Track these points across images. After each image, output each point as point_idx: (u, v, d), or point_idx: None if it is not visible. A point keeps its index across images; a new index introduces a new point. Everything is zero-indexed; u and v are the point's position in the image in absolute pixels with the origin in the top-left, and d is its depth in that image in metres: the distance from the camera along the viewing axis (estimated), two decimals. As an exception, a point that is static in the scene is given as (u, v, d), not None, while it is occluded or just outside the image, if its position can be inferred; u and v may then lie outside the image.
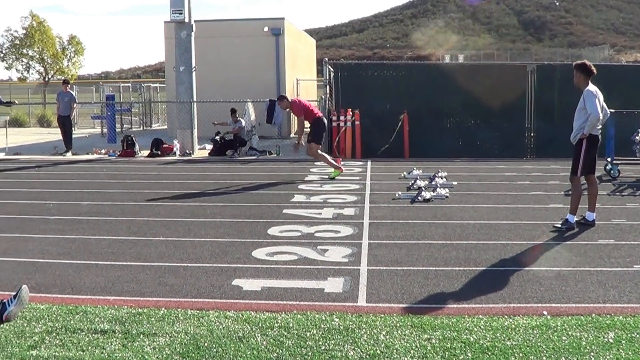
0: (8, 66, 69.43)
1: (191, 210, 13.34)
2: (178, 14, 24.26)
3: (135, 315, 7.12)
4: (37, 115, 48.78)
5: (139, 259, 9.54)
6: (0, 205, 14.47)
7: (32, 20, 66.52)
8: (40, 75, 69.03)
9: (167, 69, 33.42)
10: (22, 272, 8.95)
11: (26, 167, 21.57)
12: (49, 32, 66.96)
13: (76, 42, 69.32)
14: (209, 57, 30.22)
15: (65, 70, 67.18)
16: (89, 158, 23.82)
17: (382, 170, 19.22)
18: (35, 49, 66.79)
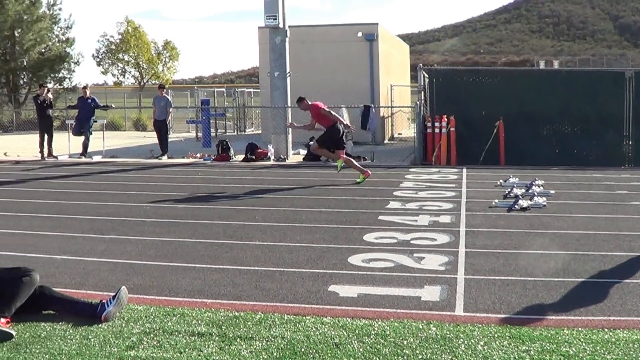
0: (104, 71, 70.67)
1: (286, 215, 13.37)
2: (272, 20, 24.38)
3: (232, 319, 7.14)
4: (133, 119, 49.56)
5: (235, 262, 9.58)
6: (98, 207, 14.70)
7: (127, 25, 67.57)
8: (135, 80, 70.06)
9: (261, 74, 33.63)
10: (120, 273, 9.07)
11: (123, 169, 21.90)
12: (144, 37, 67.96)
13: (171, 47, 70.23)
14: (303, 62, 30.27)
15: (160, 75, 68.09)
16: (184, 162, 24.09)
17: (477, 178, 19.02)
18: (130, 54, 67.82)
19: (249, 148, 24.41)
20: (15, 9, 53.44)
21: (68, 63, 57.94)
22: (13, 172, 22.05)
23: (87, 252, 10.41)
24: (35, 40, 55.31)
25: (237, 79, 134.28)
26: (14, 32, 55.40)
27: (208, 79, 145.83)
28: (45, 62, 56.29)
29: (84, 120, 26.22)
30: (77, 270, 9.30)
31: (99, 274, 9.08)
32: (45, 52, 57.06)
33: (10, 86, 56.67)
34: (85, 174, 20.93)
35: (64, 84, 58.30)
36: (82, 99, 26.71)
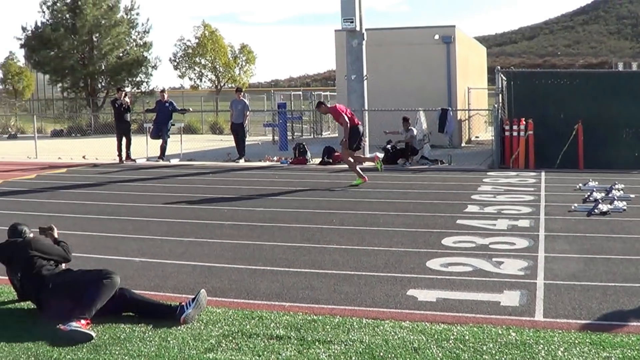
0: (181, 74, 71.16)
1: (364, 219, 13.33)
2: (349, 23, 24.37)
3: (310, 322, 7.14)
4: (210, 122, 49.92)
5: (313, 266, 9.58)
6: (176, 210, 14.84)
7: (204, 29, 68.01)
8: (212, 84, 70.47)
9: (337, 78, 33.62)
10: (198, 276, 9.12)
11: (200, 173, 22.07)
12: (221, 41, 68.33)
13: (247, 50, 70.51)
14: (380, 65, 30.22)
15: (237, 78, 68.42)
16: (262, 165, 24.17)
17: (556, 182, 18.77)
18: (207, 58, 68.23)
19: (326, 151, 24.41)
20: (94, 14, 54.28)
21: (145, 67, 58.68)
22: (92, 175, 22.33)
23: (165, 254, 10.50)
24: (113, 44, 56.11)
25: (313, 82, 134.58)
26: (92, 36, 56.27)
27: (284, 82, 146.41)
28: (123, 66, 57.08)
29: (162, 123, 26.47)
30: (156, 272, 9.38)
31: (177, 276, 9.16)
32: (123, 56, 57.85)
33: (88, 90, 57.56)
34: (163, 177, 21.13)
35: (142, 88, 59.10)
36: (160, 103, 26.96)
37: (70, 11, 55.90)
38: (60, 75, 57.38)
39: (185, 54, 68.31)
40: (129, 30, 57.97)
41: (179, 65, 68.86)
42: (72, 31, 55.50)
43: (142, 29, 59.37)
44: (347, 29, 24.64)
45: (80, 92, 59.14)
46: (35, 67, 60.87)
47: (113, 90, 53.98)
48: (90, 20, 54.43)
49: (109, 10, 56.16)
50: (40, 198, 17.35)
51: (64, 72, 56.85)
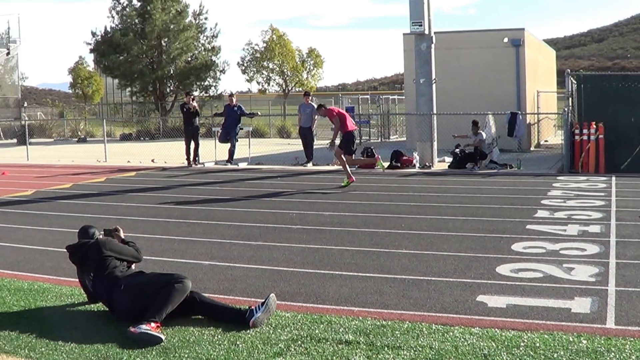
0: (249, 78, 71.63)
1: (432, 224, 13.25)
2: (418, 26, 24.25)
3: (379, 327, 7.10)
4: (277, 126, 50.06)
5: (382, 270, 9.54)
6: (245, 213, 14.89)
7: (272, 34, 68.34)
8: (280, 87, 70.79)
9: (406, 81, 33.54)
10: (267, 280, 9.14)
11: (268, 176, 22.14)
12: (289, 45, 68.64)
13: (315, 54, 70.74)
14: (449, 68, 30.09)
15: (305, 82, 68.65)
16: (329, 169, 24.14)
17: (627, 187, 18.47)
18: (275, 62, 68.55)
19: (394, 155, 24.32)
20: (162, 19, 54.77)
21: (214, 71, 59.05)
22: (160, 178, 22.53)
23: (234, 258, 10.54)
24: (182, 49, 56.54)
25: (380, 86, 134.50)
26: (161, 41, 56.80)
27: (351, 86, 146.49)
28: (192, 70, 57.49)
29: (230, 127, 26.62)
30: (225, 276, 9.42)
31: (246, 280, 9.18)
32: (191, 60, 58.27)
33: (157, 94, 58.10)
34: (231, 181, 21.23)
35: (210, 92, 59.41)
36: (228, 107, 27.10)
37: (139, 16, 56.48)
38: (129, 79, 58.00)
39: (253, 58, 68.71)
40: (197, 34, 58.38)
41: (247, 70, 69.31)
42: (141, 36, 56.07)
43: (211, 34, 59.84)
44: (415, 33, 24.53)
45: (149, 97, 59.71)
46: (105, 71, 61.57)
47: (181, 95, 54.38)
48: (159, 25, 54.94)
49: (177, 15, 56.60)
50: (109, 201, 17.54)
51: (133, 77, 57.45)
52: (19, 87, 70.30)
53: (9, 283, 9.26)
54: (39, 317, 7.78)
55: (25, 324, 7.45)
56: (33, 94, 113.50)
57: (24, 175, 25.08)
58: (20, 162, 30.80)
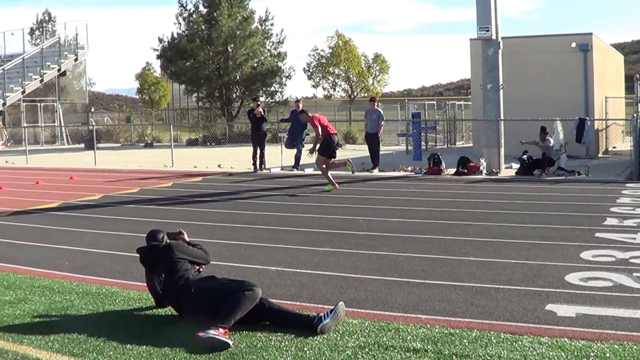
0: (315, 84, 71.74)
1: (500, 231, 13.12)
2: (485, 31, 24.11)
3: (447, 336, 7.04)
4: (343, 132, 50.00)
5: (450, 278, 9.46)
6: (311, 219, 14.90)
7: (338, 39, 68.37)
8: (345, 93, 70.80)
9: (472, 87, 33.38)
10: (334, 286, 9.12)
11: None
12: (355, 51, 68.61)
13: (381, 60, 70.61)
14: (516, 74, 29.84)
15: (370, 88, 68.59)
16: (396, 175, 24.09)
17: (699, 194, 18.19)
18: (341, 68, 68.58)
19: (461, 161, 24.17)
20: (229, 25, 55.12)
21: (280, 77, 59.28)
22: (227, 183, 22.66)
23: (301, 264, 10.54)
24: (248, 55, 56.83)
25: (445, 92, 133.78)
26: (227, 47, 57.16)
27: (417, 92, 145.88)
28: (258, 76, 57.77)
29: (297, 133, 26.70)
30: (292, 282, 9.43)
31: (313, 286, 9.17)
32: (257, 66, 58.54)
33: (223, 100, 58.46)
34: (297, 187, 21.28)
35: (276, 98, 59.62)
36: (294, 113, 27.16)
37: (206, 22, 56.90)
38: (196, 85, 58.46)
39: (319, 64, 68.77)
40: (263, 40, 58.64)
41: (312, 75, 69.41)
42: (208, 42, 56.48)
43: (277, 40, 60.09)
44: (482, 38, 24.39)
45: (215, 102, 60.11)
46: (172, 77, 62.16)
47: (247, 100, 54.66)
48: (225, 31, 55.28)
49: (243, 21, 56.91)
50: (176, 206, 17.68)
51: (200, 82, 57.90)
52: (87, 92, 71.23)
53: (78, 287, 9.38)
54: (107, 320, 7.87)
55: (94, 328, 7.52)
56: (100, 100, 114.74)
57: (92, 179, 25.37)
58: (88, 166, 31.18)
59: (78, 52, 60.35)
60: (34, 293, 9.09)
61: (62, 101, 62.57)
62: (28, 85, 55.41)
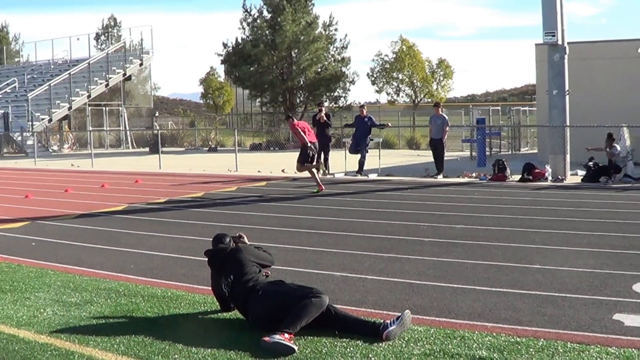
0: (379, 89, 71.43)
1: (566, 239, 12.95)
2: (551, 37, 23.88)
3: (513, 344, 6.97)
4: (406, 137, 49.91)
5: (515, 286, 9.36)
6: (376, 225, 14.86)
7: (402, 44, 68.08)
8: (409, 99, 70.47)
9: (538, 92, 33.10)
10: (399, 293, 9.08)
11: (398, 188, 22.07)
12: (419, 56, 68.19)
13: (445, 65, 70.14)
14: (582, 79, 29.54)
15: (434, 93, 68.21)
16: (460, 181, 23.97)
17: None
18: (405, 73, 68.27)
19: (526, 168, 23.95)
20: (293, 30, 55.23)
21: (343, 82, 59.18)
22: (291, 188, 22.71)
23: (365, 270, 10.52)
24: (312, 60, 56.85)
25: (509, 97, 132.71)
26: (291, 52, 57.26)
27: (480, 97, 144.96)
28: (321, 81, 57.75)
29: (361, 138, 26.69)
30: (357, 287, 9.41)
31: (378, 292, 9.14)
32: (321, 71, 58.53)
33: (287, 105, 58.54)
34: (361, 192, 21.25)
35: (339, 103, 59.58)
36: (359, 118, 27.19)
37: (270, 27, 57.08)
38: (260, 90, 58.65)
39: (383, 69, 68.51)
40: (327, 45, 58.62)
41: (376, 81, 69.15)
42: (272, 47, 56.63)
43: (340, 45, 59.95)
44: (548, 43, 24.15)
45: (279, 107, 60.25)
46: (236, 82, 62.39)
47: (311, 105, 54.71)
48: (289, 37, 55.38)
49: (307, 26, 56.97)
50: (240, 210, 17.75)
51: (264, 87, 58.08)
52: (152, 97, 71.95)
53: (143, 290, 9.45)
54: (173, 323, 7.92)
55: (159, 331, 7.58)
56: (164, 104, 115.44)
57: (157, 183, 25.59)
58: (153, 170, 31.46)
59: (143, 57, 61.06)
60: (99, 295, 9.19)
61: (127, 105, 63.26)
62: (94, 89, 56.22)
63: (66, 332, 7.62)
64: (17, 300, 9.06)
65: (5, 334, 7.62)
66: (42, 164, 38.84)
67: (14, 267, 11.25)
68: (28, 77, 60.74)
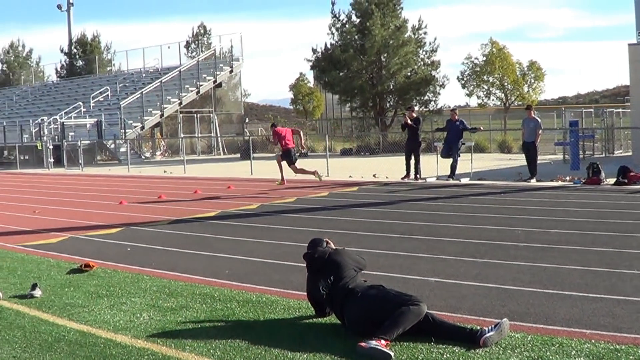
0: (469, 93, 70.98)
1: (665, 243, 12.69)
2: (645, 37, 23.50)
3: (612, 352, 6.83)
4: (497, 140, 49.48)
5: (614, 292, 9.16)
6: (469, 230, 14.75)
7: (492, 47, 67.54)
8: (500, 101, 69.86)
9: (632, 93, 32.47)
10: (494, 299, 8.97)
11: (491, 192, 21.87)
12: (509, 58, 67.59)
13: (536, 67, 69.39)
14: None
15: (525, 96, 67.52)
16: (553, 185, 23.65)
17: None
18: (495, 76, 67.71)
19: (621, 171, 23.51)
20: (382, 35, 55.21)
21: (433, 86, 58.92)
22: (382, 193, 22.67)
23: (460, 275, 10.43)
24: (401, 64, 56.75)
25: (601, 99, 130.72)
26: (381, 56, 57.21)
27: (572, 99, 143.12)
28: (411, 85, 57.59)
29: (452, 142, 26.55)
30: (452, 293, 9.33)
31: (473, 298, 9.05)
32: (411, 75, 58.36)
33: (377, 109, 58.52)
34: (453, 196, 21.09)
35: (429, 107, 59.32)
36: (450, 122, 27.06)
37: (359, 32, 57.16)
38: (350, 95, 58.75)
39: (473, 72, 68.05)
40: (416, 49, 58.43)
41: (466, 84, 68.73)
42: (361, 52, 56.68)
43: (430, 48, 59.71)
44: (643, 43, 23.78)
45: (369, 112, 60.25)
46: (325, 87, 62.62)
47: (401, 110, 54.54)
48: (378, 41, 55.37)
49: (396, 30, 56.87)
50: (332, 215, 17.78)
51: (353, 92, 58.15)
52: (242, 103, 72.59)
53: (238, 295, 9.53)
54: (268, 329, 7.96)
55: (255, 336, 7.64)
56: (254, 110, 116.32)
57: (249, 189, 25.80)
58: (244, 176, 31.74)
59: (233, 64, 61.71)
60: (195, 300, 9.30)
61: (218, 112, 63.96)
62: (185, 96, 57.03)
63: (162, 337, 7.74)
64: (114, 305, 9.23)
65: (103, 338, 7.77)
66: (135, 170, 39.51)
67: (109, 272, 11.46)
68: (120, 85, 61.89)
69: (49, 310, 9.09)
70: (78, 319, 8.60)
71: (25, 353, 7.39)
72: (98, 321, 8.46)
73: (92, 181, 34.15)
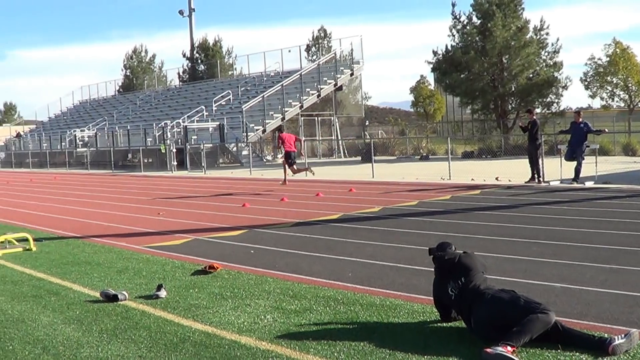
0: (592, 94, 69.91)
1: None
2: None
3: None
4: (622, 143, 48.48)
5: None
6: (595, 234, 14.46)
7: (615, 47, 66.41)
8: (624, 103, 68.60)
9: None
10: (622, 305, 8.75)
11: (616, 196, 21.43)
12: (633, 59, 66.38)
13: (661, 68, 68.03)
14: None
15: (652, 97, 66.28)
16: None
17: None
18: (619, 77, 66.55)
19: None
20: (503, 36, 54.70)
21: (556, 87, 58.05)
22: (505, 197, 22.42)
23: (586, 281, 10.21)
24: (523, 65, 56.14)
25: None
26: (502, 58, 56.66)
27: None
28: (533, 87, 56.84)
29: (576, 145, 26.12)
30: (578, 299, 9.15)
31: (600, 304, 8.85)
32: (532, 77, 57.63)
33: (498, 112, 57.97)
34: (578, 200, 20.72)
35: (552, 109, 58.48)
36: (574, 124, 26.65)
37: (480, 34, 56.72)
38: (471, 97, 58.37)
39: (597, 73, 67.01)
40: (538, 50, 57.66)
41: (589, 85, 67.71)
42: (482, 53, 56.24)
43: (552, 49, 58.81)
44: None
45: (490, 114, 59.73)
46: (446, 89, 62.39)
47: (523, 112, 53.91)
48: (500, 42, 54.87)
49: (518, 31, 56.23)
50: (455, 219, 17.64)
51: (475, 95, 57.75)
52: (362, 106, 72.75)
53: (362, 298, 9.54)
54: (392, 333, 7.94)
55: (379, 340, 7.64)
56: (374, 113, 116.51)
57: (370, 192, 25.81)
58: (366, 179, 31.77)
59: (353, 66, 61.89)
60: (318, 303, 9.34)
61: (339, 115, 64.19)
62: (305, 100, 57.42)
63: (287, 339, 7.80)
64: (238, 306, 9.34)
65: (227, 339, 7.87)
66: (257, 173, 39.95)
67: (233, 274, 11.61)
68: (242, 89, 62.66)
69: (174, 310, 9.27)
70: (203, 320, 8.75)
71: (151, 353, 7.55)
72: (222, 322, 8.59)
73: (215, 183, 34.60)
